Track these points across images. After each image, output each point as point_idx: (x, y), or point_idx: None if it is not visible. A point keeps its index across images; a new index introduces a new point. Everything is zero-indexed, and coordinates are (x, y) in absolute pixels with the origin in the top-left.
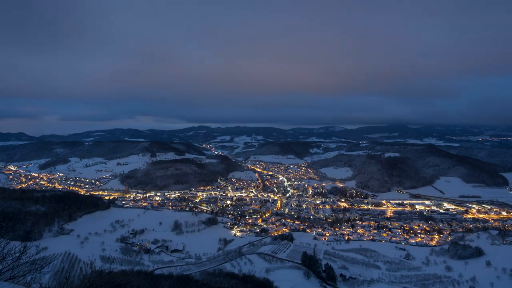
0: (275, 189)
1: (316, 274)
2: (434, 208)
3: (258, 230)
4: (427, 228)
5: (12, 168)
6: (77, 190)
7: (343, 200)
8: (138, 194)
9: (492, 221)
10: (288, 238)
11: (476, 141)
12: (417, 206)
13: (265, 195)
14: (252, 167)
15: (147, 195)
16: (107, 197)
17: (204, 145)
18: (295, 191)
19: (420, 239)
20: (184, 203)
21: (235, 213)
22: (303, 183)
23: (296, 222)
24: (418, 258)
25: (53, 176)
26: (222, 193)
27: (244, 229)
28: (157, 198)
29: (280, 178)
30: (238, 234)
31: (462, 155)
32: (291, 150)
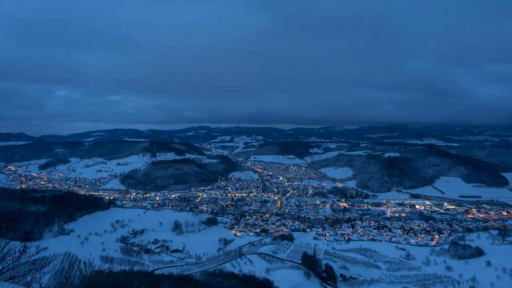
0: (275, 189)
1: (316, 274)
2: (434, 208)
3: (258, 230)
4: (427, 228)
5: (12, 168)
6: (77, 190)
7: (343, 200)
8: (138, 194)
9: (492, 221)
10: (288, 238)
11: (476, 141)
12: (417, 206)
13: (265, 195)
14: (252, 167)
15: (147, 195)
16: (107, 197)
17: (204, 145)
18: (295, 191)
19: (420, 239)
20: (184, 203)
21: (235, 213)
22: (303, 183)
23: (296, 222)
24: (418, 258)
25: (53, 176)
26: (222, 193)
27: (244, 229)
28: (157, 198)
29: (280, 178)
30: (238, 234)
31: (462, 155)
32: (291, 150)
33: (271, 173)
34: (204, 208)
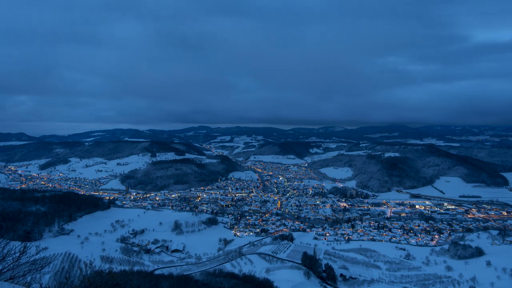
0: (275, 189)
1: (316, 274)
2: (434, 208)
3: (258, 230)
4: (427, 228)
5: (12, 168)
6: (77, 190)
7: (343, 200)
8: (138, 194)
9: (492, 221)
10: (288, 238)
11: (476, 141)
12: (417, 206)
13: (265, 195)
14: (252, 167)
15: (147, 195)
16: (107, 197)
17: (204, 145)
18: (295, 191)
19: (420, 239)
20: (184, 203)
21: (235, 213)
22: (303, 183)
23: (296, 222)
24: (418, 258)
25: (53, 176)
26: (222, 193)
27: (244, 229)
28: (157, 198)
29: (280, 178)
30: (238, 234)
31: (462, 155)
32: (291, 150)
33: (271, 173)
34: (204, 208)
